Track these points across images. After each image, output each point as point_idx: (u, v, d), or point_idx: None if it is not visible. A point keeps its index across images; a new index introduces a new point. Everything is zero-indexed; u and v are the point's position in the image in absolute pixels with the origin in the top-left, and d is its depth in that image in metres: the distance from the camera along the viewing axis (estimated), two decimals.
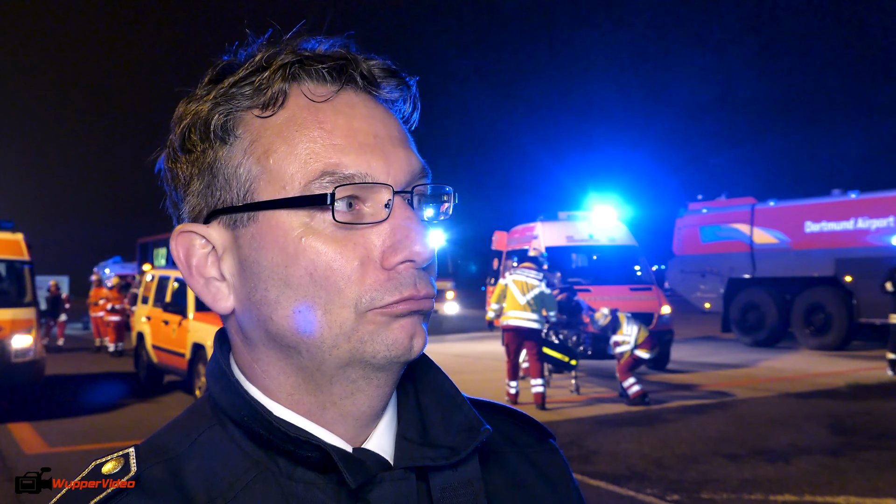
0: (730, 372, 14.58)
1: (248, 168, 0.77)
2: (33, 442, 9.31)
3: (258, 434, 0.77)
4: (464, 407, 0.86)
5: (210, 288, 0.81)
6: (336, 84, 0.80)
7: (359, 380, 0.78)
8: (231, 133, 0.78)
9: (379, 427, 0.83)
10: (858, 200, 17.29)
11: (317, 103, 0.78)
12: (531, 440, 0.97)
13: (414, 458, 0.81)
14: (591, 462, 7.67)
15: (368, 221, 0.76)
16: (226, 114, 0.79)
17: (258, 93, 0.78)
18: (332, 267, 0.74)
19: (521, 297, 10.78)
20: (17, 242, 12.07)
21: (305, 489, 0.76)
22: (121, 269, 33.00)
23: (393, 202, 0.77)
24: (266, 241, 0.76)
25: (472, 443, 0.82)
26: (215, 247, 0.80)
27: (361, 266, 0.75)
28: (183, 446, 0.79)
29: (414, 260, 0.76)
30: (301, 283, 0.75)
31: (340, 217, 0.75)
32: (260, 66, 0.79)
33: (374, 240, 0.76)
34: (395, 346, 0.76)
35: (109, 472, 0.76)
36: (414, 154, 0.82)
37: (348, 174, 0.75)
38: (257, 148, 0.77)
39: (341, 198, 0.75)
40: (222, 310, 0.81)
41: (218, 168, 0.79)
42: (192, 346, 11.43)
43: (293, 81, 0.79)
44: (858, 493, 6.46)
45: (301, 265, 0.75)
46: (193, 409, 0.85)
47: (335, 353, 0.76)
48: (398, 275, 0.76)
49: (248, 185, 0.77)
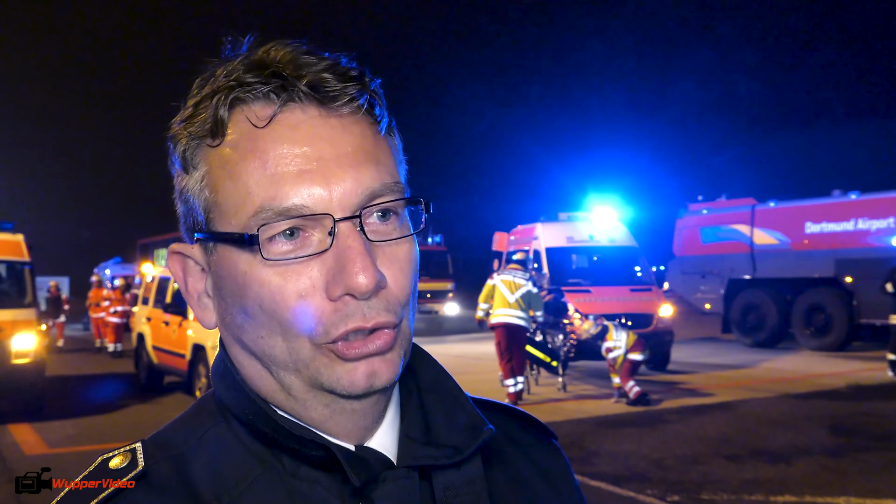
0: (730, 373, 14.58)
1: (205, 199, 0.78)
2: (34, 443, 9.32)
3: (263, 432, 0.78)
4: (467, 406, 0.86)
5: (201, 303, 0.83)
6: (278, 103, 0.76)
7: (331, 404, 0.78)
8: (190, 164, 0.79)
9: (382, 426, 0.83)
10: (859, 201, 17.28)
11: (257, 129, 0.75)
12: (533, 440, 0.97)
13: (417, 457, 0.81)
14: (591, 463, 7.66)
15: (310, 253, 0.74)
16: (186, 142, 0.79)
17: (209, 120, 0.77)
18: (275, 300, 0.74)
19: (510, 295, 11.06)
20: (18, 243, 12.07)
21: (310, 487, 0.77)
22: (121, 270, 33.00)
23: (336, 229, 0.74)
24: (223, 272, 0.78)
25: (474, 442, 0.82)
26: (202, 266, 0.82)
27: (305, 298, 0.74)
28: (189, 443, 0.80)
29: (353, 293, 0.73)
30: (255, 313, 0.76)
31: (274, 252, 0.74)
32: (214, 87, 0.77)
33: (319, 270, 0.75)
34: (353, 386, 0.75)
35: (116, 466, 0.77)
36: (373, 169, 0.77)
37: (284, 207, 0.73)
38: (210, 180, 0.78)
39: (283, 229, 0.74)
40: (209, 325, 0.83)
41: (187, 196, 0.80)
42: (193, 346, 11.42)
43: (238, 104, 0.77)
44: (859, 493, 6.46)
45: (250, 297, 0.75)
46: (199, 406, 0.86)
47: (298, 378, 0.77)
48: (344, 306, 0.74)
49: (207, 215, 0.79)
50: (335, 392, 0.76)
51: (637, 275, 16.11)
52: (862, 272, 16.52)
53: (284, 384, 0.77)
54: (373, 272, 0.73)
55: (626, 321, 14.42)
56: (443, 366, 0.89)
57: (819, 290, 17.88)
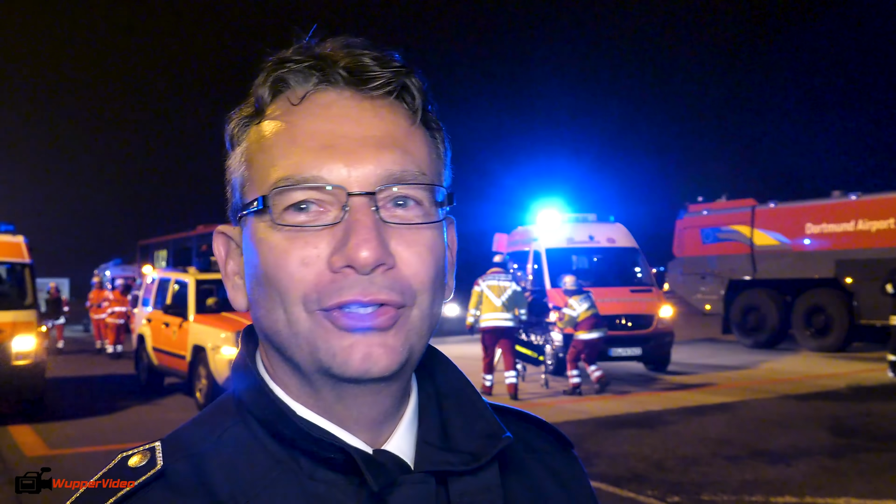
0: (730, 374, 14.58)
1: (241, 173, 0.82)
2: (34, 444, 9.31)
3: (282, 433, 0.78)
4: (485, 413, 0.85)
5: (233, 284, 0.86)
6: (312, 84, 0.80)
7: (337, 387, 0.78)
8: (235, 142, 0.84)
9: (399, 429, 0.83)
10: (859, 202, 17.28)
11: (293, 107, 0.79)
12: (550, 448, 0.97)
13: (434, 463, 0.81)
14: (591, 464, 7.66)
15: (321, 224, 0.76)
16: (236, 123, 0.84)
17: (255, 101, 0.82)
18: (278, 264, 0.76)
19: (497, 299, 11.71)
20: (18, 245, 12.07)
21: (327, 489, 0.77)
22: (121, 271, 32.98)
23: (349, 204, 0.75)
24: (248, 243, 0.80)
25: (493, 450, 0.81)
26: (239, 246, 0.85)
27: (306, 265, 0.75)
28: (208, 442, 0.80)
29: (353, 265, 0.73)
30: (262, 281, 0.78)
31: (287, 219, 0.76)
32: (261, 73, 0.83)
33: (326, 242, 0.76)
34: (346, 366, 0.75)
35: (136, 465, 0.77)
36: (398, 155, 0.78)
37: (301, 178, 0.76)
38: (246, 155, 0.82)
39: (297, 201, 0.76)
40: (239, 307, 0.85)
41: (230, 174, 0.85)
42: (193, 348, 11.43)
43: (280, 85, 0.81)
44: (859, 494, 6.46)
45: (261, 264, 0.77)
46: (218, 405, 0.86)
47: (302, 355, 0.77)
48: (344, 277, 0.74)
49: (241, 190, 0.82)
50: (331, 371, 0.75)
51: (637, 275, 16.11)
52: (862, 273, 16.52)
53: (294, 364, 0.78)
54: (375, 246, 0.73)
55: (627, 322, 14.45)
56: (462, 372, 0.89)
57: (819, 291, 17.88)
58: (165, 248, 31.10)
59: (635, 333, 14.36)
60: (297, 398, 0.81)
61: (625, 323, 14.47)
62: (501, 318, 11.67)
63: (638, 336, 14.35)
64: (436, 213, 0.80)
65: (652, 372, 14.82)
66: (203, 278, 12.58)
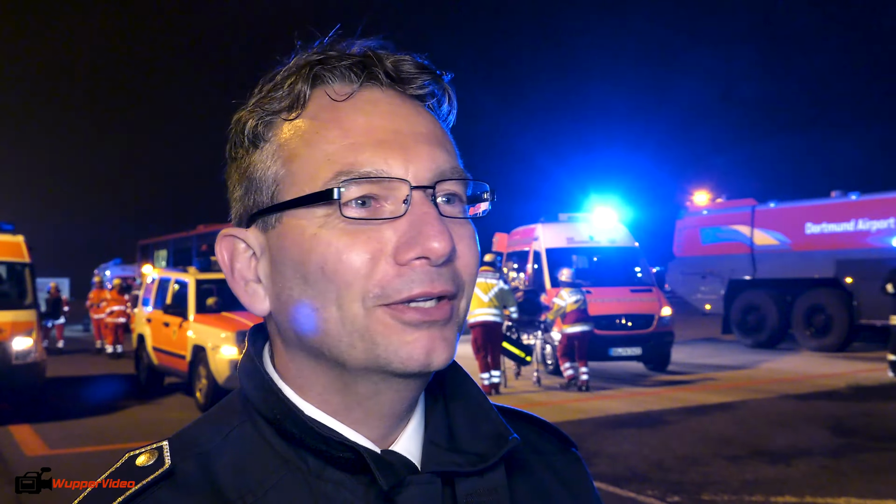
0: (730, 373, 14.58)
1: (276, 171, 0.79)
2: (34, 444, 9.31)
3: (290, 432, 0.78)
4: (492, 414, 0.86)
5: (248, 290, 0.83)
6: (359, 81, 0.80)
7: (380, 382, 0.78)
8: (261, 138, 0.81)
9: (407, 430, 0.83)
10: (859, 202, 17.29)
11: (338, 102, 0.79)
12: (554, 448, 0.98)
13: (441, 463, 0.81)
14: (591, 464, 7.66)
15: (385, 217, 0.76)
16: (258, 119, 0.81)
17: (286, 96, 0.80)
18: (340, 259, 0.75)
19: (484, 295, 11.97)
20: (18, 245, 12.07)
21: (334, 489, 0.77)
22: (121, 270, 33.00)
23: (411, 198, 0.76)
24: (288, 241, 0.78)
25: (499, 451, 0.82)
26: (254, 250, 0.82)
27: (372, 259, 0.75)
28: (215, 441, 0.80)
29: (429, 256, 0.74)
30: (315, 279, 0.76)
31: (350, 213, 0.75)
32: (290, 71, 0.81)
33: (389, 235, 0.75)
34: (410, 361, 0.75)
35: (143, 464, 0.77)
36: (443, 152, 0.80)
37: (363, 171, 0.75)
38: (283, 151, 0.79)
39: (357, 196, 0.75)
40: (259, 311, 0.83)
41: (252, 173, 0.81)
42: (193, 348, 11.43)
43: (318, 82, 0.80)
44: (859, 494, 6.46)
45: (314, 260, 0.76)
46: (225, 403, 0.86)
47: (353, 354, 0.76)
48: (412, 271, 0.75)
49: (275, 188, 0.79)
50: (390, 367, 0.76)
51: (637, 275, 16.12)
52: (862, 273, 16.52)
53: (338, 361, 0.77)
54: (448, 238, 0.75)
55: (627, 322, 14.46)
56: (468, 373, 0.89)
57: (819, 291, 17.88)
58: (165, 247, 31.12)
59: (635, 333, 14.37)
60: (312, 399, 0.80)
61: (625, 323, 14.47)
62: (488, 313, 11.98)
63: (638, 336, 14.36)
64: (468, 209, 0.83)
65: (652, 372, 14.82)
66: (203, 278, 12.57)
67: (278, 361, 0.84)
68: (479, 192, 0.84)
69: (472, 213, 0.84)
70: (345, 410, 0.80)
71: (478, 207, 0.85)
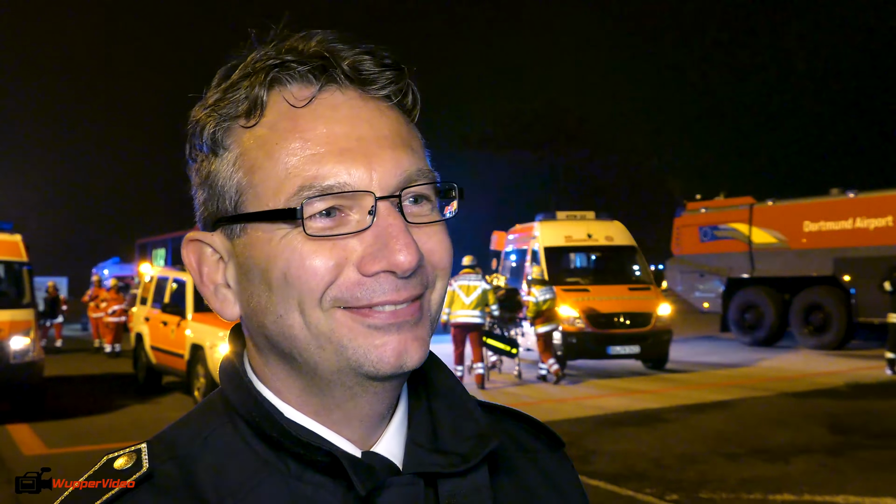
0: (728, 371, 14.60)
1: (238, 181, 0.77)
2: (32, 443, 9.31)
3: (269, 435, 0.77)
4: (475, 414, 0.85)
5: (218, 295, 0.81)
6: (318, 85, 0.77)
7: (355, 386, 0.77)
8: (221, 145, 0.78)
9: (389, 431, 0.82)
10: (857, 199, 17.30)
11: (296, 109, 0.76)
12: (542, 447, 0.97)
13: (423, 464, 0.80)
14: (590, 462, 7.67)
15: (350, 231, 0.74)
16: (216, 124, 0.78)
17: (243, 101, 0.77)
18: (303, 265, 0.73)
19: (467, 298, 12.73)
20: (16, 244, 12.06)
21: (314, 491, 0.76)
22: (119, 269, 32.98)
23: (376, 208, 0.74)
24: (254, 251, 0.76)
25: (481, 451, 0.81)
26: (221, 255, 0.81)
27: (336, 267, 0.74)
28: (195, 443, 0.79)
29: (394, 270, 0.73)
30: (278, 285, 0.75)
31: (314, 230, 0.74)
32: (246, 72, 0.78)
33: (355, 245, 0.74)
34: (381, 364, 0.75)
35: (121, 467, 0.76)
36: (409, 154, 0.78)
37: (326, 185, 0.73)
38: (244, 162, 0.77)
39: (321, 209, 0.74)
40: (230, 317, 0.81)
41: (214, 179, 0.79)
42: (191, 347, 11.42)
43: (275, 86, 0.77)
44: (857, 492, 6.47)
45: (278, 266, 0.74)
46: (206, 405, 0.85)
47: (324, 358, 0.75)
48: (375, 282, 0.74)
49: (238, 198, 0.77)
50: (362, 371, 0.75)
51: (635, 274, 16.13)
52: (860, 271, 16.54)
53: (310, 365, 0.76)
54: (415, 250, 0.74)
55: (625, 320, 14.48)
56: (454, 372, 0.89)
57: (817, 289, 17.90)
58: (163, 246, 31.09)
59: (634, 331, 14.39)
60: (291, 401, 0.80)
61: (623, 321, 14.49)
62: (470, 314, 12.78)
63: (636, 334, 14.37)
64: (438, 209, 0.81)
65: (650, 370, 14.84)
66: None
67: (255, 364, 0.82)
68: (446, 189, 0.82)
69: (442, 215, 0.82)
70: (324, 412, 0.79)
71: (448, 207, 0.83)
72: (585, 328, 14.31)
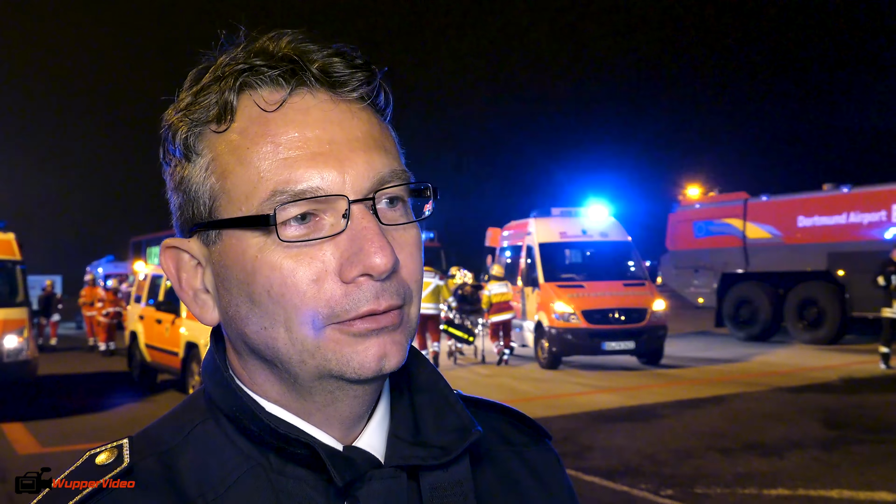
0: (723, 367, 14.63)
1: (210, 187, 0.77)
2: (26, 442, 9.29)
3: (250, 430, 0.77)
4: (457, 407, 0.85)
5: (197, 300, 0.81)
6: (288, 89, 0.76)
7: (336, 391, 0.78)
8: (193, 151, 0.78)
9: (371, 425, 0.83)
10: (850, 194, 17.33)
11: (267, 113, 0.75)
12: (526, 439, 0.97)
13: (405, 457, 0.81)
14: (585, 458, 7.68)
15: (324, 235, 0.74)
16: (188, 129, 0.78)
17: (213, 106, 0.77)
18: (286, 283, 0.73)
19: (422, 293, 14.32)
20: (9, 242, 12.04)
21: (296, 485, 0.77)
22: (114, 268, 32.89)
23: (350, 212, 0.74)
24: (230, 259, 0.76)
25: (462, 444, 0.81)
26: (199, 260, 0.80)
27: (317, 282, 0.74)
28: (176, 439, 0.79)
29: (371, 273, 0.73)
30: (262, 301, 0.75)
31: (288, 235, 0.73)
32: (216, 76, 0.77)
33: (331, 252, 0.74)
34: (363, 368, 0.75)
35: (103, 462, 0.77)
36: (382, 155, 0.78)
37: (298, 190, 0.73)
38: (216, 167, 0.77)
39: (295, 214, 0.74)
40: (209, 321, 0.82)
41: (188, 185, 0.79)
42: (186, 345, 11.40)
43: (245, 90, 0.77)
44: (851, 486, 6.49)
45: (259, 283, 0.74)
46: (188, 402, 0.85)
47: (305, 368, 0.76)
48: (357, 288, 0.74)
49: (212, 203, 0.77)
50: (344, 377, 0.75)
51: (630, 269, 16.14)
52: (854, 265, 16.57)
53: (290, 374, 0.77)
54: (390, 252, 0.74)
55: (620, 316, 14.50)
56: (435, 366, 0.89)
57: (811, 284, 17.93)
58: (158, 244, 30.95)
59: (628, 327, 14.41)
60: (272, 398, 0.80)
61: (618, 317, 14.51)
62: (425, 307, 14.02)
63: (631, 330, 14.40)
64: (411, 210, 0.82)
65: (645, 365, 14.86)
66: None
67: (235, 364, 0.83)
68: (421, 189, 0.82)
69: (418, 216, 0.82)
70: (305, 413, 0.80)
71: (423, 208, 0.83)
72: (580, 324, 14.33)
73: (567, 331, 14.34)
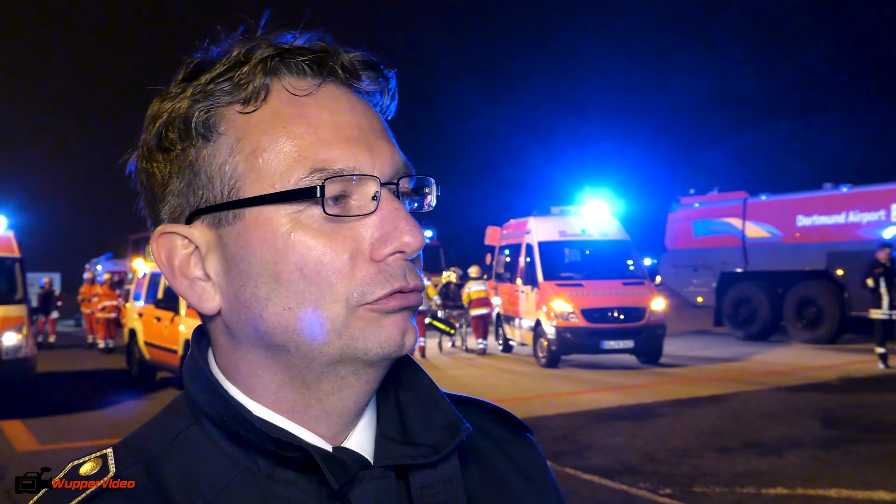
0: (722, 366, 14.64)
1: (235, 165, 0.76)
2: (25, 439, 9.28)
3: (237, 434, 0.76)
4: (443, 404, 0.85)
5: (195, 289, 0.80)
6: (318, 77, 0.79)
7: (348, 376, 0.77)
8: (213, 130, 0.77)
9: (359, 425, 0.82)
10: (850, 194, 17.34)
11: (300, 97, 0.77)
12: (508, 435, 0.97)
13: (394, 457, 0.81)
14: (583, 456, 7.69)
15: (356, 213, 0.76)
16: (206, 110, 0.77)
17: (238, 88, 0.77)
18: (322, 261, 0.74)
19: None
20: (8, 239, 12.03)
21: (286, 489, 0.76)
22: (113, 265, 32.85)
23: (380, 194, 0.76)
24: (254, 239, 0.75)
25: (452, 441, 0.81)
26: (199, 247, 0.79)
27: (351, 259, 0.75)
28: (161, 446, 0.78)
29: (404, 251, 0.76)
30: (291, 279, 0.74)
31: (330, 210, 0.75)
32: (238, 60, 0.78)
33: (363, 232, 0.76)
34: (388, 343, 0.76)
35: (87, 473, 0.75)
36: (396, 147, 0.82)
37: (337, 169, 0.75)
38: (245, 146, 0.76)
39: (336, 192, 0.75)
40: (208, 310, 0.80)
41: (200, 166, 0.78)
42: (185, 342, 11.40)
43: (273, 76, 0.78)
44: (850, 485, 6.50)
45: (291, 261, 0.74)
46: (171, 407, 0.84)
47: (325, 351, 0.75)
48: (388, 267, 0.76)
49: (234, 183, 0.76)
50: (367, 356, 0.76)
51: (629, 268, 16.15)
52: (853, 265, 16.56)
53: (304, 359, 0.76)
54: (420, 232, 0.77)
55: (619, 315, 14.51)
56: (419, 364, 0.89)
57: (810, 283, 17.94)
58: None
59: (627, 326, 14.42)
60: (263, 399, 0.79)
61: (617, 315, 14.51)
62: None
63: (630, 328, 14.41)
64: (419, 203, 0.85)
65: (644, 364, 14.87)
66: None
67: (225, 362, 0.81)
68: (422, 186, 0.85)
69: (423, 208, 0.85)
70: (301, 408, 0.79)
71: (427, 201, 0.85)
72: (579, 323, 14.34)
73: (566, 329, 14.35)
